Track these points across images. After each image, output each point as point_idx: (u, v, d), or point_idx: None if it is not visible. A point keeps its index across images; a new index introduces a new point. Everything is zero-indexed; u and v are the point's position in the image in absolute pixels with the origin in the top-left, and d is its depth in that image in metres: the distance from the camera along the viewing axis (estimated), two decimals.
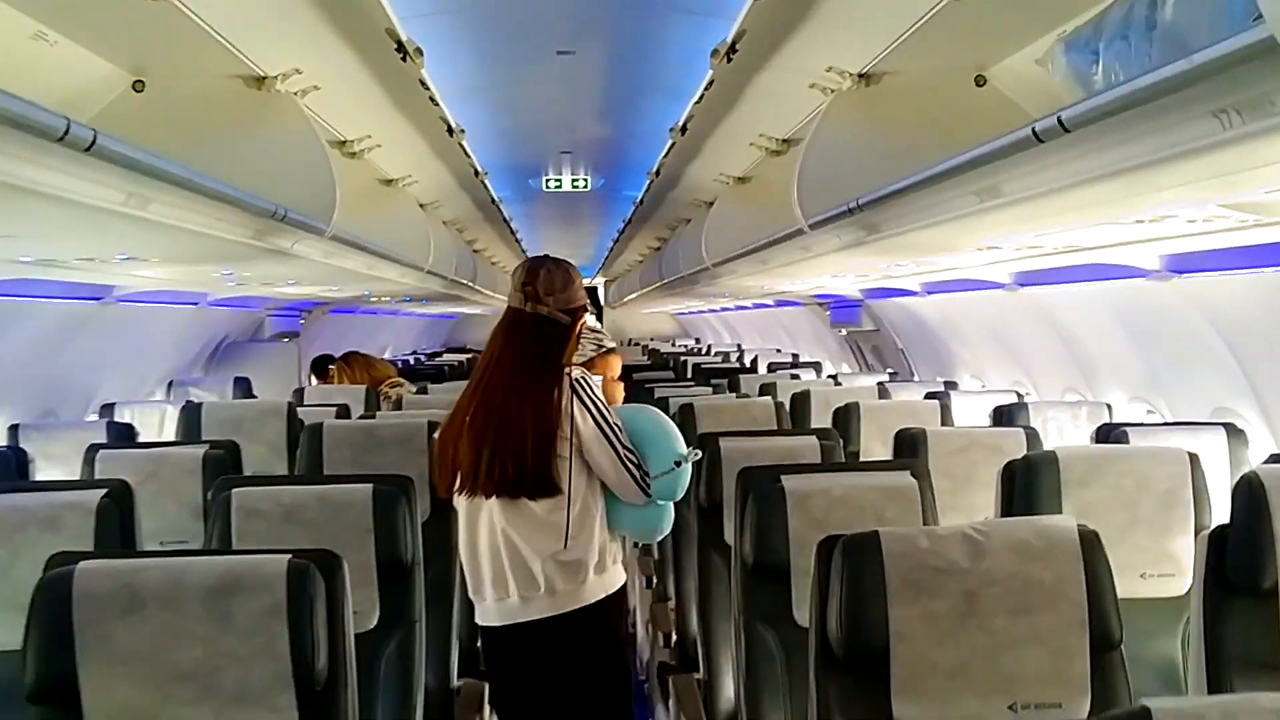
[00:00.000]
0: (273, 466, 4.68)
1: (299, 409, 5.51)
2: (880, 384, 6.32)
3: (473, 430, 2.64)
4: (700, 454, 3.02)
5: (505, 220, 9.34)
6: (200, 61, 3.48)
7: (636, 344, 18.66)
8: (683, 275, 8.28)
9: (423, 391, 6.68)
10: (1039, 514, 2.87)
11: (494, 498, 2.62)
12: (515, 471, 2.57)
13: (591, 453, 2.64)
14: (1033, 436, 3.91)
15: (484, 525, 2.66)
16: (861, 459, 4.67)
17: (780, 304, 11.16)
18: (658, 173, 6.41)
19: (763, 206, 6.19)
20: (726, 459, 3.61)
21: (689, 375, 9.80)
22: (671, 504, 2.82)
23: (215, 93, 3.54)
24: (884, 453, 4.77)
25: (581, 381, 2.66)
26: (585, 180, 8.13)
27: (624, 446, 2.66)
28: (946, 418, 4.84)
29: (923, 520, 2.87)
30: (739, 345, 15.92)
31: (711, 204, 7.46)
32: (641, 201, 7.86)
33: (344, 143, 5.02)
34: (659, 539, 3.05)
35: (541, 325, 2.64)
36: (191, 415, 4.78)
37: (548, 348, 2.63)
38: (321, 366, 7.42)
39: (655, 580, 4.82)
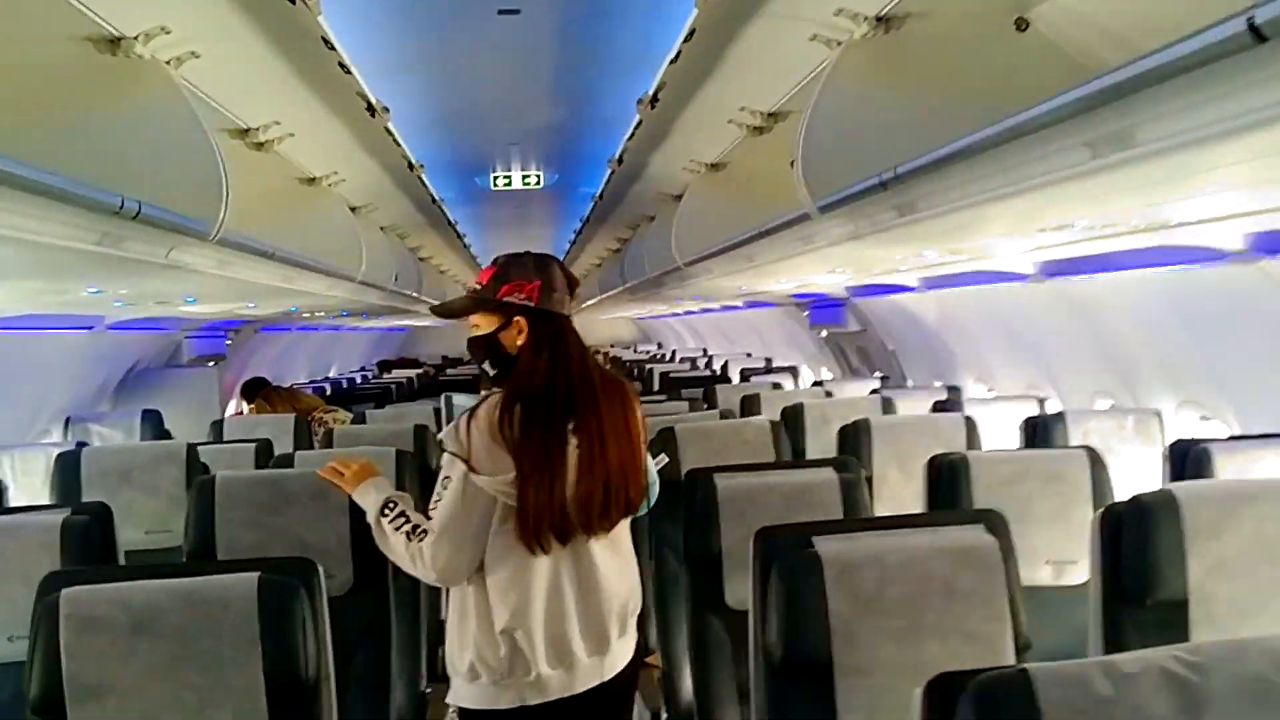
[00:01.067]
0: (168, 529, 3.87)
1: (213, 447, 4.70)
2: (880, 394, 5.58)
3: (583, 468, 2.23)
4: (666, 460, 2.96)
5: (450, 224, 8.50)
6: (32, 18, 2.64)
7: (597, 351, 17.87)
8: (649, 278, 7.50)
9: (359, 420, 5.86)
10: (1166, 577, 2.16)
11: (586, 539, 2.27)
12: (627, 499, 2.29)
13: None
14: (1097, 461, 3.19)
15: (547, 577, 2.24)
16: (876, 486, 3.96)
17: (751, 305, 10.41)
18: (620, 160, 5.62)
19: (741, 196, 5.43)
20: (725, 503, 2.99)
21: (656, 387, 9.03)
22: None
23: (51, 58, 2.71)
24: (903, 481, 4.07)
25: None
26: (537, 176, 7.32)
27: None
28: (974, 437, 4.10)
29: (1011, 602, 2.13)
30: (704, 350, 15.19)
31: (679, 197, 6.69)
32: (601, 197, 7.05)
33: (246, 131, 4.18)
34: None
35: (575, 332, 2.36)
36: (67, 467, 3.93)
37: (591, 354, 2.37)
38: (252, 392, 6.62)
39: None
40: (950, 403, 5.28)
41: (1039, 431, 4.23)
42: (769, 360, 10.76)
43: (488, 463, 2.18)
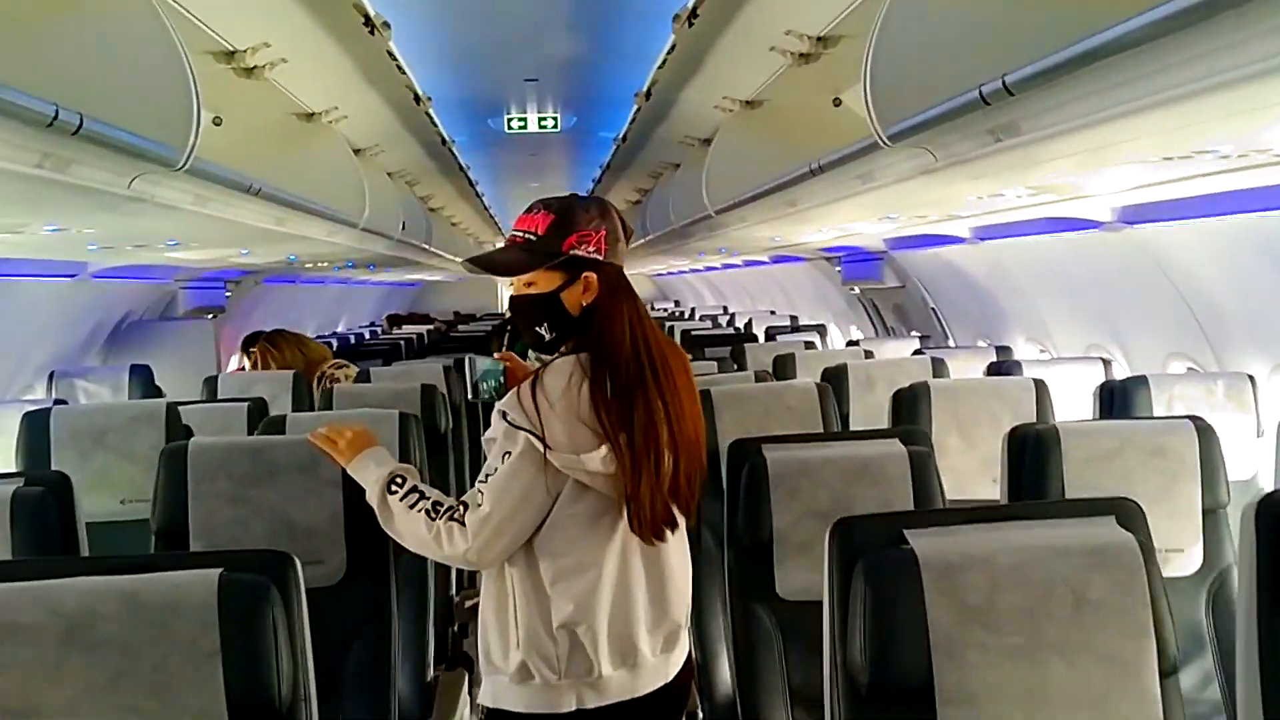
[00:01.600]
0: (146, 498, 3.46)
1: (199, 407, 4.28)
2: (928, 354, 5.14)
3: (681, 446, 2.02)
4: None
5: (462, 169, 8.04)
6: None
7: None
8: (674, 228, 7.02)
9: (363, 378, 5.43)
10: None
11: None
12: (700, 479, 2.10)
13: None
14: (1205, 432, 2.77)
15: (616, 566, 2.01)
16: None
17: (777, 260, 9.95)
18: (648, 94, 5.14)
19: (779, 136, 4.97)
20: (777, 479, 2.64)
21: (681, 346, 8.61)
22: None
23: None
24: (965, 451, 3.68)
25: None
26: (554, 118, 6.86)
27: None
28: (1045, 403, 3.67)
29: (1155, 614, 1.70)
30: (724, 308, 14.73)
31: (708, 141, 6.22)
32: (624, 139, 6.57)
33: (231, 53, 3.73)
34: None
35: None
36: (35, 427, 3.52)
37: None
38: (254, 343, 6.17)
39: None
40: (1005, 364, 4.83)
41: (1117, 398, 3.78)
42: (795, 318, 10.29)
43: (564, 439, 1.93)
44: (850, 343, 6.62)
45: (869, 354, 5.58)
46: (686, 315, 14.33)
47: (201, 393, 5.31)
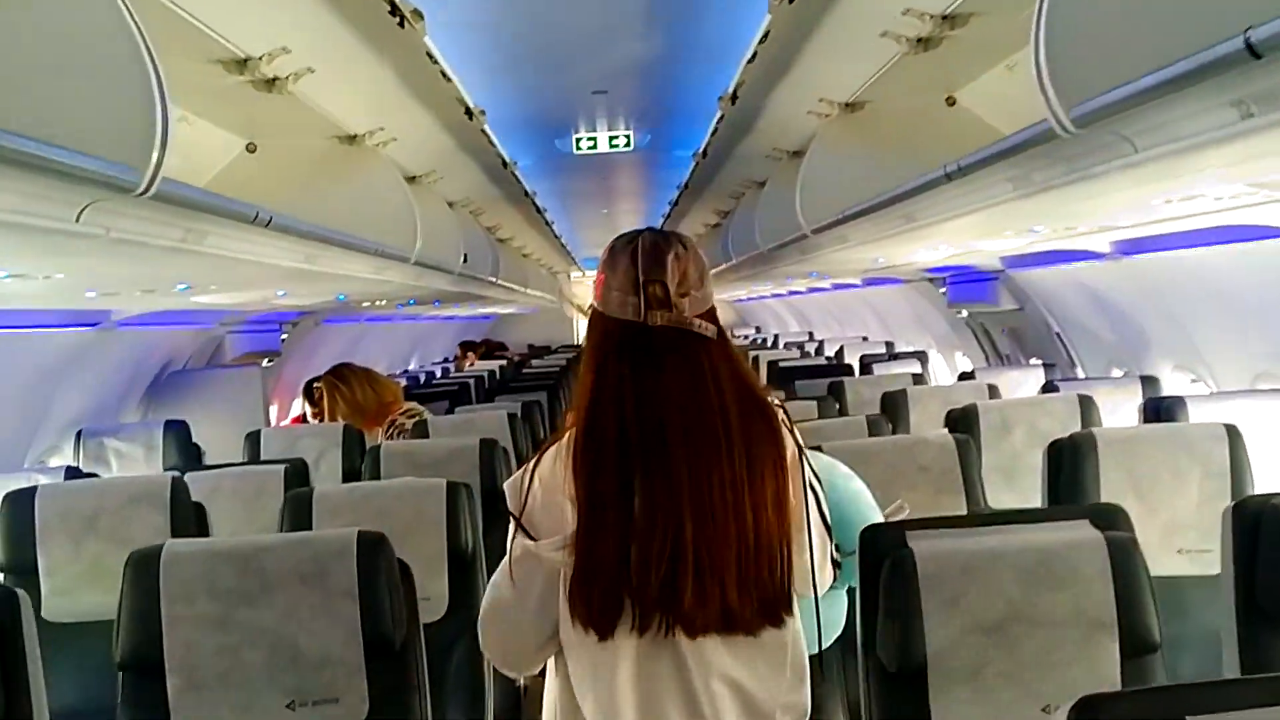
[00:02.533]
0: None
1: (218, 475, 3.72)
2: (1065, 388, 4.40)
3: (655, 533, 1.65)
4: (908, 510, 2.24)
5: (527, 194, 7.45)
6: None
7: None
8: (760, 252, 6.34)
9: (420, 431, 4.81)
10: None
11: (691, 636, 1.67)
12: (739, 594, 1.65)
13: (809, 527, 1.74)
14: None
15: (632, 675, 1.68)
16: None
17: (870, 282, 9.21)
18: (734, 97, 4.48)
19: (887, 140, 4.31)
20: (929, 579, 2.01)
21: (764, 381, 7.86)
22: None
23: None
24: (1144, 516, 2.91)
25: (787, 413, 1.76)
26: (627, 136, 6.25)
27: (823, 513, 1.81)
28: (1240, 455, 2.92)
29: None
30: (809, 334, 13.98)
31: (797, 154, 5.56)
32: (704, 154, 5.92)
33: (244, 62, 3.16)
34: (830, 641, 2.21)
35: (699, 347, 1.69)
36: (18, 510, 2.95)
37: (724, 376, 1.69)
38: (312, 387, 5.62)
39: None
40: (1167, 403, 4.07)
41: None
42: (890, 344, 9.53)
43: (545, 522, 1.71)
44: (964, 374, 5.86)
45: (993, 389, 4.85)
46: (769, 343, 13.61)
47: (244, 452, 4.77)
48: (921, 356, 8.28)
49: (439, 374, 11.28)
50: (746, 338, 16.21)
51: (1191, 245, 4.31)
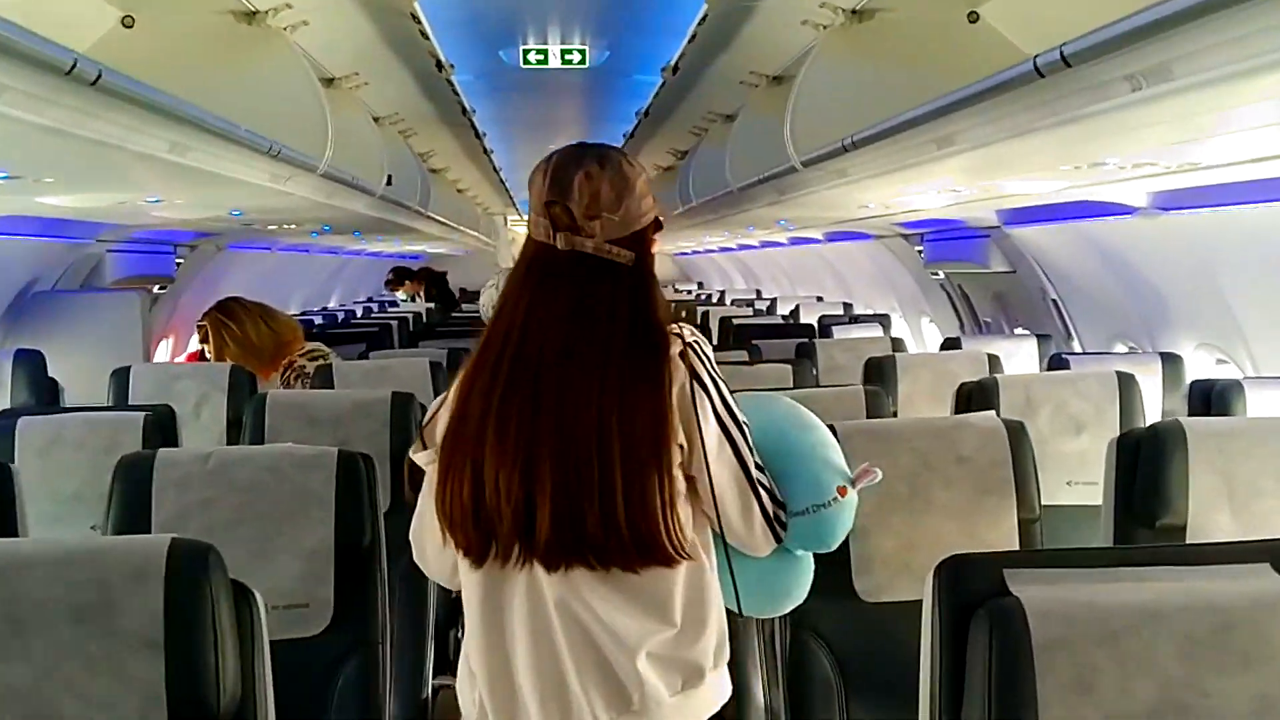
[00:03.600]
0: None
1: (53, 422, 2.93)
2: (1105, 364, 3.77)
3: (506, 456, 1.60)
4: (879, 476, 1.85)
5: (466, 114, 6.61)
6: None
7: None
8: (730, 192, 5.59)
9: (324, 380, 4.00)
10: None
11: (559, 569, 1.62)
12: (603, 527, 1.58)
13: (708, 470, 1.65)
14: None
15: (524, 608, 1.63)
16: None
17: (832, 238, 8.54)
18: (703, 19, 3.74)
19: (906, 55, 3.58)
20: (1045, 650, 1.38)
21: (716, 339, 7.11)
22: (811, 557, 1.83)
23: None
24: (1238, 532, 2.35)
25: (697, 346, 1.68)
26: (582, 52, 5.46)
27: (756, 463, 1.70)
28: None
29: None
30: (758, 291, 13.32)
31: (778, 80, 4.83)
32: (675, 71, 5.13)
33: None
34: (784, 611, 1.94)
35: (605, 273, 1.66)
36: None
37: (622, 305, 1.65)
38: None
39: None
40: (1211, 386, 3.46)
41: None
42: (848, 306, 8.88)
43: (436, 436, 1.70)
44: (948, 341, 5.19)
45: (994, 360, 4.20)
46: (714, 299, 12.91)
47: (108, 392, 3.96)
48: (884, 320, 7.65)
49: (360, 313, 10.41)
50: (690, 293, 15.51)
51: (1238, 202, 3.68)
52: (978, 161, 3.08)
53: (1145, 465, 2.37)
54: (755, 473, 1.69)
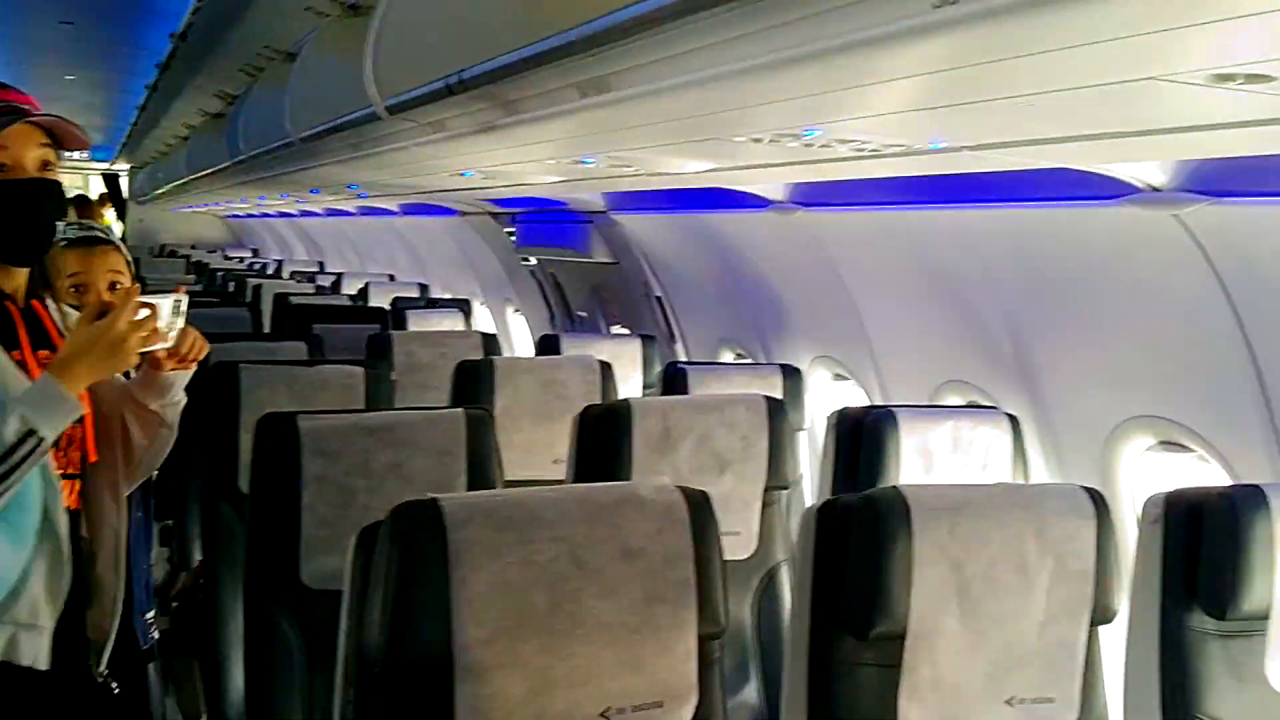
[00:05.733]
0: None
1: None
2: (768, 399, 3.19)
3: None
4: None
5: None
6: None
7: (173, 252, 14.08)
8: (291, 141, 4.48)
9: None
10: None
11: None
12: None
13: None
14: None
15: None
16: None
17: (410, 210, 7.63)
18: None
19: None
20: None
21: (269, 322, 5.94)
22: None
23: None
24: None
25: None
26: None
27: None
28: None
29: None
30: (320, 264, 12.07)
31: (355, 9, 3.90)
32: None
33: None
34: None
35: None
36: None
37: None
38: None
39: None
40: (855, 414, 2.99)
41: None
42: (425, 288, 8.01)
43: None
44: (545, 339, 4.48)
45: (606, 369, 3.54)
46: (270, 270, 11.50)
47: None
48: (464, 306, 6.90)
49: None
50: (242, 261, 13.91)
51: (878, 203, 3.27)
52: (623, 116, 2.34)
53: (858, 551, 1.73)
54: None
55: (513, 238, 5.89)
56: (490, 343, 4.49)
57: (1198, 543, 1.95)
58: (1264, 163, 1.98)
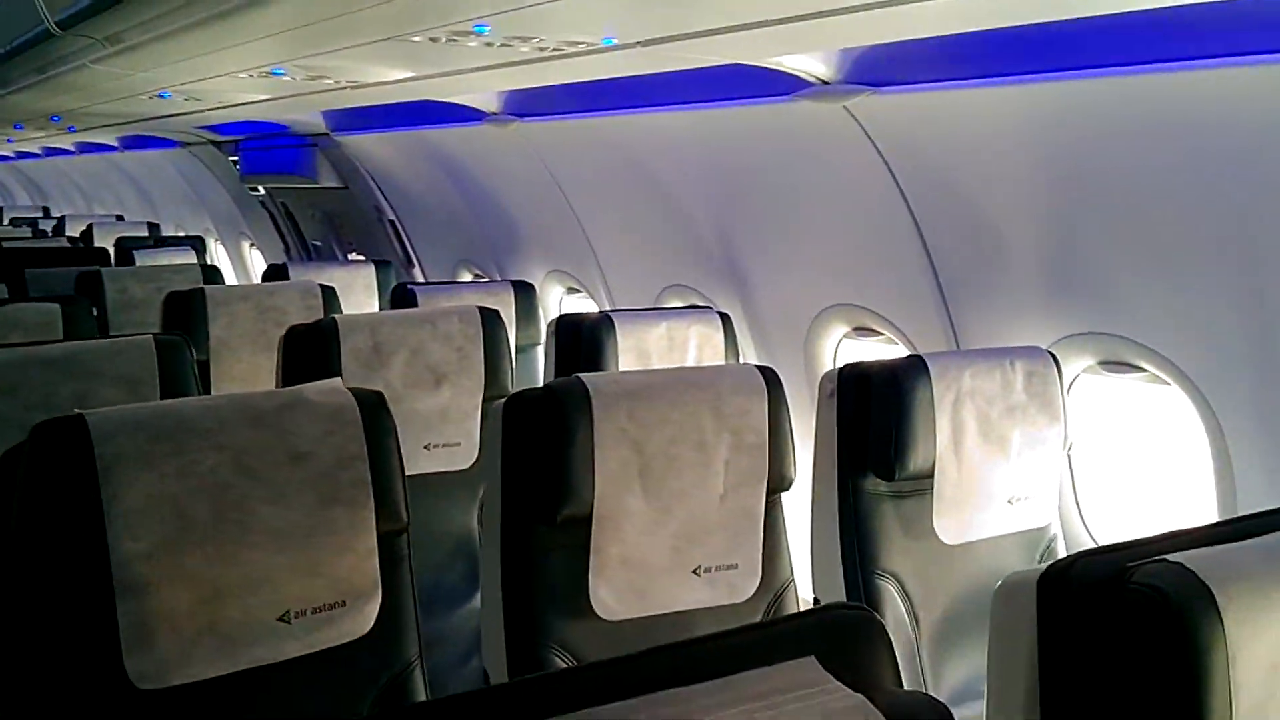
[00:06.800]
0: None
1: None
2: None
3: None
4: None
5: None
6: None
7: None
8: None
9: None
10: None
11: None
12: None
13: None
14: None
15: None
16: None
17: (130, 144, 7.16)
18: None
19: None
20: None
21: None
22: None
23: None
24: None
25: None
26: None
27: None
28: None
29: None
30: (44, 209, 11.24)
31: None
32: None
33: None
34: None
35: None
36: None
37: None
38: None
39: None
40: (572, 320, 3.02)
41: None
42: (154, 227, 7.57)
43: None
44: (272, 269, 4.32)
45: (329, 294, 3.46)
46: None
47: None
48: (197, 244, 6.57)
49: None
50: None
51: (594, 110, 3.29)
52: (280, 18, 2.25)
53: (542, 439, 1.78)
54: None
55: (237, 166, 5.63)
56: (213, 275, 4.31)
57: (868, 412, 2.08)
58: (919, 50, 2.10)
